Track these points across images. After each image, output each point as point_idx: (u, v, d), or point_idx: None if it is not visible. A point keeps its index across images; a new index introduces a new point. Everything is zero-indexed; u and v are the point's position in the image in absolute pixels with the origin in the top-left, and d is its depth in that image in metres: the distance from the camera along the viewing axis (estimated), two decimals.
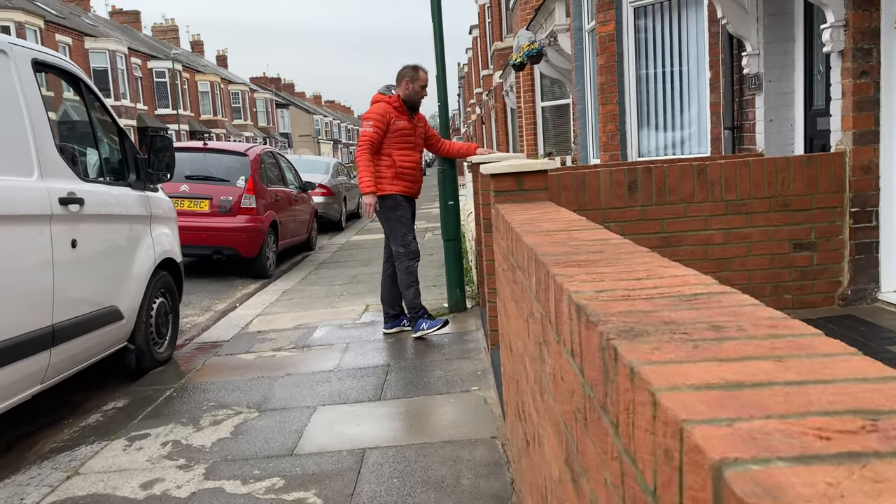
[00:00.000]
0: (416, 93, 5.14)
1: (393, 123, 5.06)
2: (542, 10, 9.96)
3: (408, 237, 5.16)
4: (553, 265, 1.39)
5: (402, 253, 5.14)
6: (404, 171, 5.11)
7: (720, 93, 5.82)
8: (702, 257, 4.29)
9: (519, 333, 2.20)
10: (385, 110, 5.05)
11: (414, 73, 5.16)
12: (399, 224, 5.12)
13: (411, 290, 5.14)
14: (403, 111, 5.11)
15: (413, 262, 5.15)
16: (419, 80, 5.15)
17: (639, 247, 1.56)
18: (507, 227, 2.34)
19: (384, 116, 5.03)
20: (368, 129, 5.04)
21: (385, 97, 5.14)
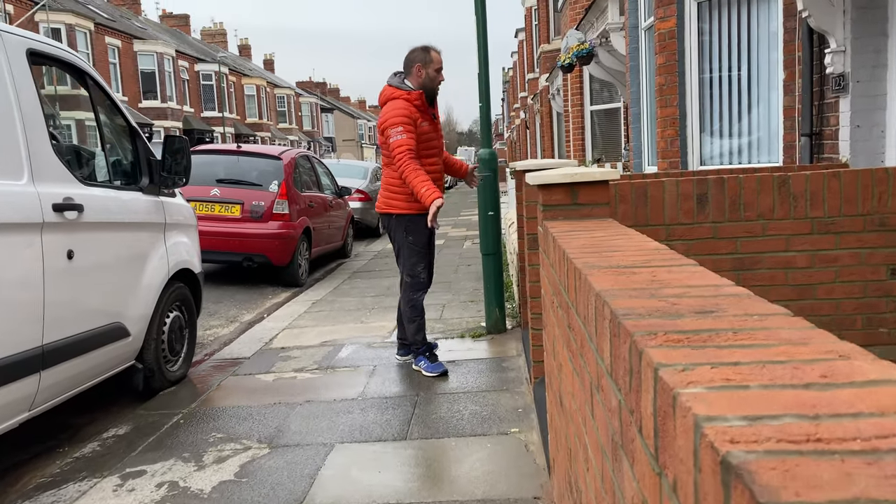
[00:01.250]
0: (431, 79, 4.28)
1: (419, 125, 4.21)
2: (594, 9, 9.40)
3: (417, 267, 4.41)
4: (645, 337, 0.89)
5: (409, 284, 4.44)
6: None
7: (796, 95, 5.20)
8: (781, 283, 3.71)
9: (574, 396, 1.70)
10: (409, 110, 4.18)
11: (425, 56, 4.28)
12: (412, 250, 4.37)
13: (413, 325, 4.47)
14: (426, 109, 4.28)
15: (419, 295, 4.46)
16: (433, 63, 4.27)
17: (771, 304, 1.04)
18: (561, 254, 1.84)
19: (411, 117, 4.18)
20: (402, 137, 4.13)
21: (403, 93, 4.24)
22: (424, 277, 4.46)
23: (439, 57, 4.31)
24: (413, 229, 4.32)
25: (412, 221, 4.30)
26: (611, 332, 1.08)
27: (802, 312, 4.12)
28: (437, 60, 4.29)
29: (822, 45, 4.81)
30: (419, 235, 4.34)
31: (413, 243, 4.36)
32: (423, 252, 4.40)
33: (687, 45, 6.09)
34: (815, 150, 5.01)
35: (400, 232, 4.37)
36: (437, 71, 4.29)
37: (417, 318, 4.46)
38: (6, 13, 22.30)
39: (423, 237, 4.36)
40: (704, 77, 6.14)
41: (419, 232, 4.32)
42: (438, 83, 4.32)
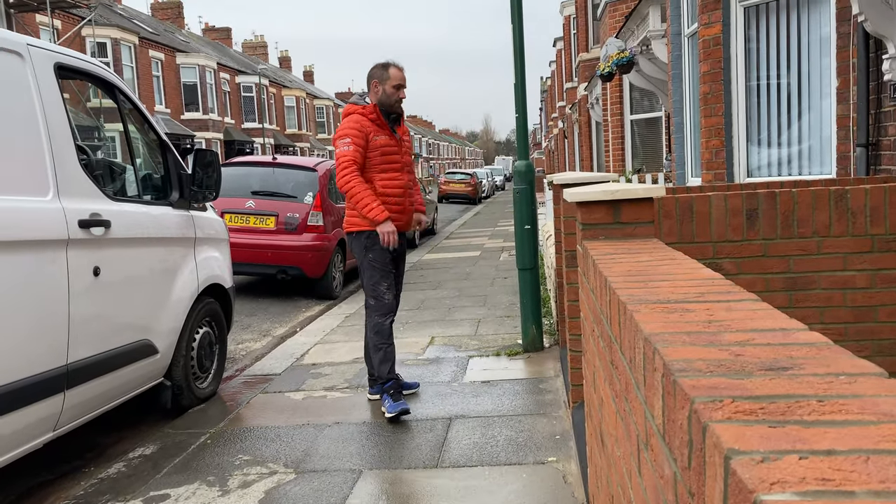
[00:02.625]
0: (388, 95, 4.02)
1: (371, 139, 3.95)
2: (635, 16, 9.18)
3: (380, 287, 4.03)
4: (708, 406, 0.73)
5: (373, 307, 4.06)
6: (388, 200, 3.98)
7: (850, 103, 4.93)
8: (839, 304, 3.47)
9: (618, 442, 1.53)
10: (361, 123, 3.96)
11: (382, 72, 4.05)
12: (372, 268, 4.01)
13: (380, 354, 4.04)
14: (383, 123, 4.02)
15: (384, 320, 4.05)
16: (390, 80, 4.02)
17: (858, 359, 0.87)
18: (602, 282, 1.67)
19: (362, 130, 3.94)
20: (346, 149, 3.91)
21: (358, 108, 4.05)
22: (390, 299, 4.08)
23: (399, 73, 4.08)
24: (372, 245, 4.01)
25: (370, 237, 4.00)
26: (664, 389, 0.92)
27: (861, 336, 3.85)
28: (395, 77, 4.05)
29: (879, 50, 4.55)
30: (380, 252, 4.01)
31: (373, 261, 4.03)
32: (386, 270, 4.05)
33: (733, 52, 5.86)
34: (872, 162, 4.74)
35: (359, 249, 4.07)
36: (395, 87, 4.05)
37: (384, 346, 4.05)
38: (53, 28, 22.89)
39: (385, 254, 4.02)
40: (751, 85, 5.89)
41: (379, 249, 4.00)
42: (397, 100, 4.07)
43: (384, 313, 4.07)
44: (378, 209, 3.88)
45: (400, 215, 4.07)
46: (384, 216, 3.89)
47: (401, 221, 4.07)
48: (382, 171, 4.00)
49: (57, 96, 3.25)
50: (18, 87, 3.04)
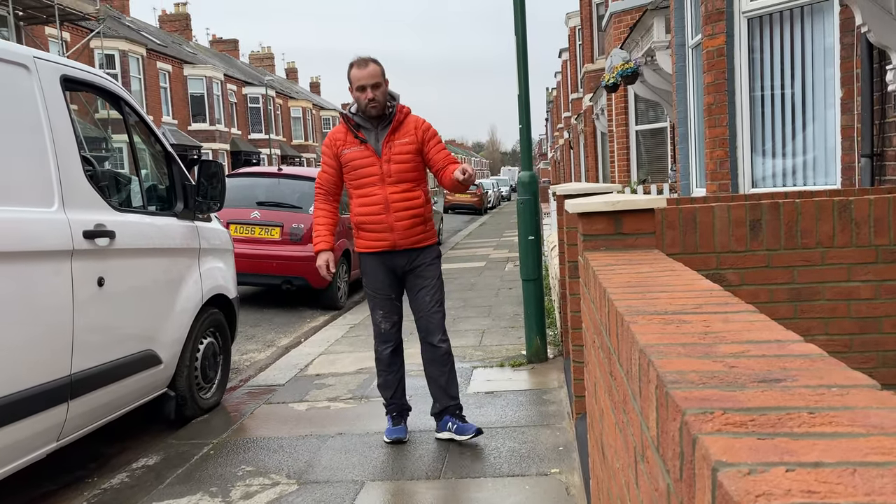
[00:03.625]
0: (356, 101, 3.61)
1: (342, 154, 3.63)
2: (639, 27, 9.21)
3: (375, 315, 3.79)
4: (699, 417, 0.73)
5: (374, 334, 3.88)
6: (366, 221, 3.61)
7: (855, 114, 4.93)
8: (843, 315, 3.45)
9: (617, 453, 1.52)
10: (333, 138, 3.68)
11: (347, 75, 3.61)
12: (367, 294, 3.82)
13: (378, 379, 3.90)
14: (349, 132, 3.64)
15: (382, 348, 3.82)
16: (351, 83, 3.59)
17: (851, 371, 0.87)
18: (601, 293, 1.67)
19: (330, 147, 3.67)
20: (318, 169, 3.79)
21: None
22: (386, 328, 3.78)
23: (358, 72, 3.56)
24: (363, 269, 3.78)
25: (361, 260, 3.77)
26: (657, 400, 0.92)
27: (866, 347, 3.82)
28: (354, 79, 3.57)
29: (883, 61, 4.55)
30: (370, 277, 3.73)
31: (366, 285, 3.80)
32: (379, 297, 3.74)
33: (737, 63, 5.86)
34: (877, 172, 4.73)
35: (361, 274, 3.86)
36: (357, 90, 3.57)
37: (383, 373, 3.85)
38: (62, 40, 23.08)
39: (375, 280, 3.71)
40: (756, 95, 5.90)
41: (369, 273, 3.73)
42: (366, 104, 3.55)
43: (381, 341, 3.83)
44: (316, 239, 3.72)
45: (384, 234, 3.60)
46: (319, 247, 3.70)
47: (386, 241, 3.61)
48: (358, 188, 3.63)
49: (63, 108, 3.28)
50: (25, 100, 3.07)
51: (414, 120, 3.71)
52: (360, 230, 3.67)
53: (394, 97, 3.68)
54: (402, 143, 3.62)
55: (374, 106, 3.56)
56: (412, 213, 3.62)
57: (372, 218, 3.60)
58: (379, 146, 3.61)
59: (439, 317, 3.80)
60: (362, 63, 3.58)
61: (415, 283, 3.73)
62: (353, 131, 3.62)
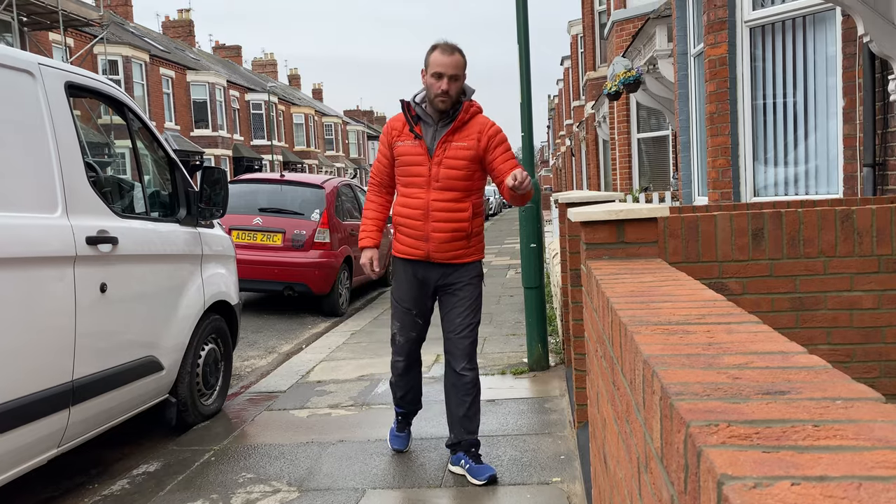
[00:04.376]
0: (427, 87, 3.24)
1: (395, 145, 3.33)
2: (641, 36, 9.23)
3: (392, 325, 3.51)
4: (703, 430, 0.73)
5: (390, 339, 3.62)
6: (403, 220, 3.33)
7: (857, 123, 4.93)
8: (845, 324, 3.45)
9: (620, 463, 1.52)
10: (389, 127, 3.39)
11: (426, 57, 3.26)
12: (391, 303, 3.54)
13: (391, 381, 3.70)
14: (405, 125, 3.32)
15: (395, 359, 3.55)
16: (429, 66, 3.22)
17: (855, 383, 0.87)
18: (604, 302, 1.68)
19: (386, 136, 3.37)
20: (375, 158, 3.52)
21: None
22: (399, 342, 3.48)
23: (442, 58, 3.18)
24: (394, 273, 3.50)
25: (393, 263, 3.49)
26: (661, 412, 0.92)
27: (869, 357, 3.81)
28: (433, 63, 3.20)
29: (885, 70, 4.56)
30: (397, 284, 3.45)
31: (391, 293, 3.54)
32: (400, 308, 3.43)
33: (739, 72, 5.88)
34: (879, 182, 4.73)
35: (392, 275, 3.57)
36: (432, 76, 3.20)
37: (393, 380, 3.65)
38: (66, 46, 23.17)
39: (401, 289, 3.42)
40: (758, 104, 5.90)
41: (397, 280, 3.45)
42: (437, 93, 3.19)
43: (395, 353, 3.54)
44: (361, 234, 3.48)
45: (419, 242, 3.28)
46: (364, 243, 3.45)
47: (422, 250, 3.28)
48: (404, 186, 3.33)
49: (67, 114, 3.29)
50: (29, 106, 3.08)
51: (481, 122, 3.31)
52: (397, 232, 3.38)
53: (465, 92, 3.30)
54: (460, 146, 3.24)
55: (443, 99, 3.19)
56: (454, 225, 3.26)
57: (409, 222, 3.29)
58: (433, 145, 3.25)
59: (468, 343, 3.37)
60: (448, 49, 3.21)
61: (447, 302, 3.39)
62: (410, 123, 3.28)
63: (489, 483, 3.21)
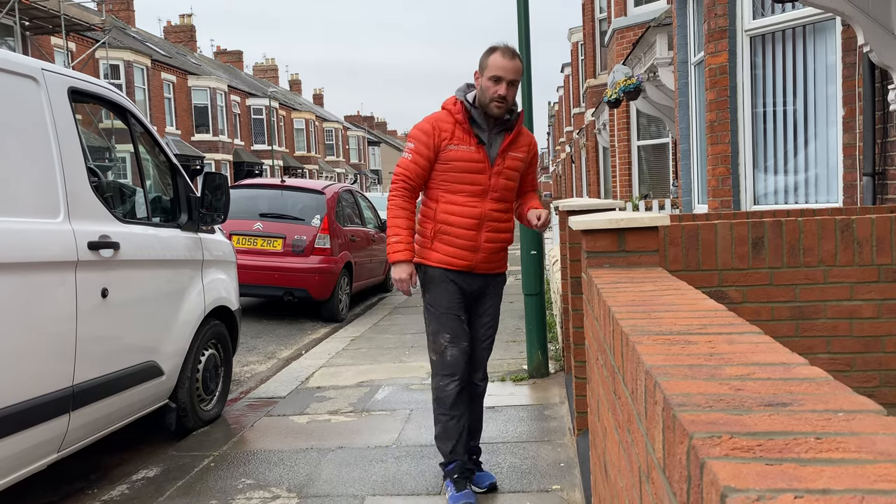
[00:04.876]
0: (483, 91, 3.02)
1: (445, 148, 3.03)
2: (642, 44, 9.26)
3: (440, 338, 3.10)
4: (706, 442, 0.73)
5: (434, 363, 3.17)
6: (450, 233, 3.06)
7: (857, 132, 4.95)
8: (845, 333, 3.46)
9: (621, 472, 1.53)
10: (437, 124, 3.05)
11: (483, 59, 3.05)
12: (429, 314, 3.15)
13: (437, 428, 3.16)
14: (468, 128, 3.04)
15: (445, 382, 3.09)
16: (487, 69, 3.01)
17: (857, 396, 0.88)
18: (605, 311, 1.68)
19: (431, 134, 3.03)
20: (404, 157, 3.09)
21: (450, 102, 3.13)
22: (453, 355, 3.08)
23: (500, 60, 2.99)
24: (429, 284, 3.14)
25: (429, 275, 3.13)
26: (664, 423, 0.92)
27: (868, 366, 3.82)
28: (493, 66, 2.99)
29: (885, 80, 4.58)
30: (438, 293, 3.10)
31: (431, 303, 3.14)
32: (448, 316, 3.09)
33: (739, 81, 5.90)
34: (879, 191, 4.75)
35: (421, 286, 3.21)
36: (490, 80, 2.99)
37: (444, 419, 3.12)
38: (68, 50, 23.22)
39: (445, 296, 3.09)
40: (758, 112, 5.92)
41: (437, 288, 3.10)
42: (492, 98, 2.99)
43: (445, 374, 3.10)
44: (395, 246, 3.02)
45: (466, 252, 3.07)
46: (397, 257, 3.01)
47: (470, 261, 3.09)
48: (453, 192, 3.05)
49: (70, 120, 3.30)
50: (33, 111, 3.09)
51: (527, 135, 3.24)
52: (436, 240, 3.08)
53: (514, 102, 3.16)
54: (515, 157, 3.14)
55: (499, 104, 3.01)
56: (503, 236, 3.17)
57: (459, 231, 3.05)
58: (493, 154, 3.09)
59: (487, 354, 3.34)
60: (508, 52, 3.03)
61: (475, 311, 3.24)
62: (469, 125, 3.04)
63: (489, 490, 3.20)
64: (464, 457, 3.13)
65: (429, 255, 3.10)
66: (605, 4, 15.23)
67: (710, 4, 6.00)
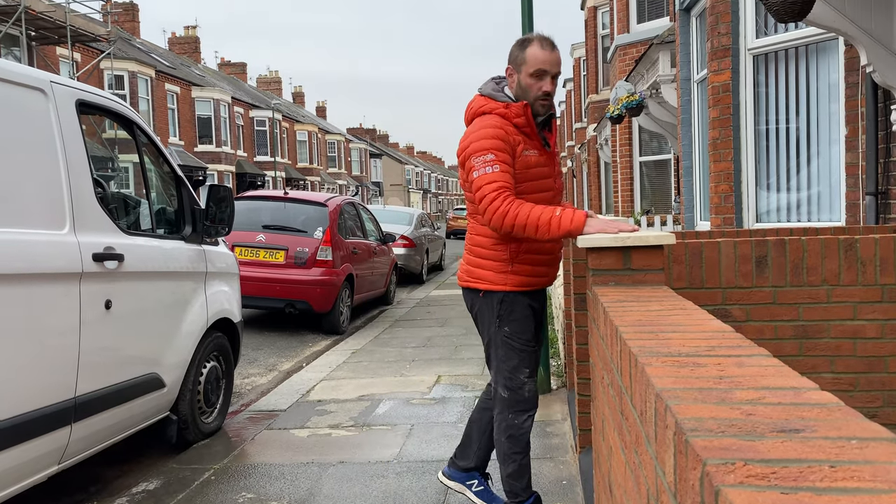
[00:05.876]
0: (524, 89, 2.70)
1: (520, 155, 2.69)
2: (644, 61, 9.31)
3: (519, 374, 2.80)
4: (720, 469, 0.73)
5: (505, 400, 2.83)
6: (535, 246, 2.75)
7: (859, 152, 4.96)
8: (848, 353, 3.45)
9: (627, 494, 1.52)
10: (504, 131, 2.66)
11: (518, 53, 2.71)
12: (509, 347, 2.80)
13: (513, 466, 2.89)
14: (533, 131, 2.73)
15: (522, 419, 2.85)
16: (527, 64, 2.67)
17: (869, 422, 0.88)
18: (612, 330, 1.68)
19: (507, 142, 2.65)
20: (491, 171, 2.59)
21: (498, 105, 2.73)
22: (531, 390, 2.86)
23: (543, 54, 2.66)
24: (509, 314, 2.78)
25: (505, 302, 2.78)
26: (675, 448, 0.92)
27: (872, 386, 3.81)
28: (533, 59, 2.66)
29: (888, 100, 4.60)
30: (521, 325, 2.79)
31: (510, 336, 2.79)
32: (528, 350, 2.83)
33: (742, 99, 5.92)
34: (882, 211, 4.75)
35: (489, 317, 2.81)
36: (532, 76, 2.68)
37: (519, 457, 2.88)
38: (73, 61, 23.34)
39: (528, 326, 2.82)
40: (760, 129, 5.94)
41: (520, 318, 2.79)
42: (538, 96, 2.70)
43: (523, 411, 2.84)
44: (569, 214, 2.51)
45: (547, 268, 2.86)
46: (579, 218, 2.50)
47: (547, 277, 2.87)
48: (533, 196, 2.70)
49: (77, 132, 3.32)
50: (41, 123, 3.10)
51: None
52: (518, 261, 2.76)
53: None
54: (558, 153, 2.90)
55: (544, 102, 2.72)
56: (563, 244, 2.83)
57: (545, 245, 2.77)
58: (548, 150, 2.82)
59: None
60: (548, 43, 2.69)
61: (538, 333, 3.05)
62: (532, 129, 2.72)
63: None
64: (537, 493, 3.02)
65: (506, 279, 2.77)
66: (608, 21, 15.33)
67: (714, 23, 6.03)
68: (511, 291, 2.77)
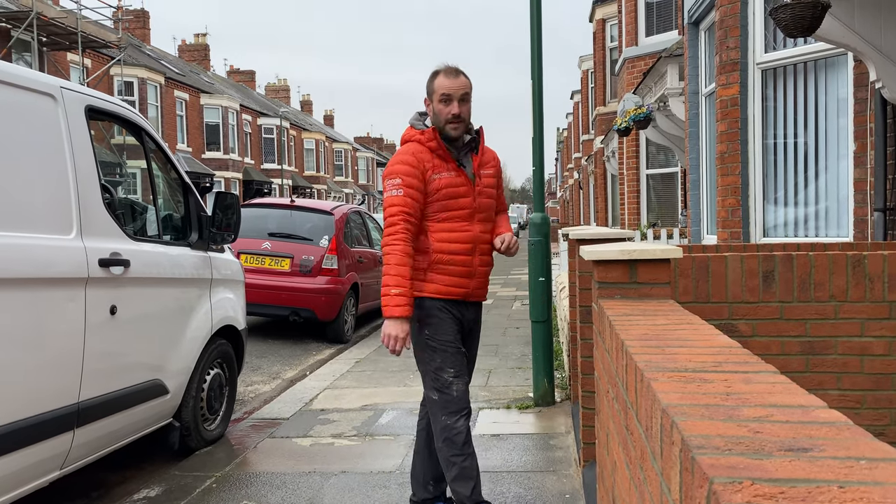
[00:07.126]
0: (436, 115, 2.96)
1: (430, 179, 2.92)
2: (652, 74, 9.32)
3: (443, 374, 2.91)
4: (727, 487, 0.72)
5: (436, 402, 2.94)
6: (447, 258, 2.94)
7: (868, 167, 4.95)
8: (856, 370, 3.42)
9: None
10: (417, 156, 2.93)
11: (430, 84, 3.01)
12: (429, 351, 2.94)
13: (453, 471, 2.90)
14: (446, 154, 2.95)
15: (454, 420, 2.90)
16: (435, 92, 2.96)
17: (878, 442, 0.86)
18: (618, 344, 1.67)
19: (417, 168, 2.91)
20: (394, 193, 2.89)
21: (416, 133, 3.00)
22: (459, 390, 2.92)
23: (447, 81, 2.95)
24: (427, 317, 2.94)
25: (426, 307, 2.94)
26: (681, 465, 0.91)
27: (879, 404, 3.78)
28: (439, 87, 2.94)
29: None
30: (439, 328, 2.94)
31: (430, 337, 2.93)
32: (449, 352, 2.93)
33: (750, 113, 5.91)
34: (890, 227, 4.73)
35: (414, 322, 2.92)
36: (441, 102, 2.93)
37: (458, 460, 2.89)
38: (83, 66, 23.50)
39: (447, 330, 2.94)
40: (768, 143, 5.93)
41: (437, 323, 2.94)
42: (447, 119, 2.93)
43: (454, 411, 2.91)
44: (396, 299, 2.77)
45: (463, 280, 2.98)
46: (396, 312, 2.76)
47: (467, 288, 3.00)
48: (444, 221, 2.94)
49: (86, 138, 3.33)
50: (50, 129, 3.12)
51: (490, 151, 3.18)
52: (431, 271, 2.94)
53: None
54: (487, 174, 3.08)
55: (455, 125, 2.95)
56: (490, 258, 3.11)
57: (457, 258, 2.95)
58: (471, 175, 3.02)
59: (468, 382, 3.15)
60: (451, 72, 2.97)
61: (466, 341, 3.13)
62: (444, 152, 2.95)
63: None
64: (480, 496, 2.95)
65: (423, 286, 2.94)
66: (617, 34, 15.36)
67: (722, 37, 6.04)
68: (428, 297, 2.95)
